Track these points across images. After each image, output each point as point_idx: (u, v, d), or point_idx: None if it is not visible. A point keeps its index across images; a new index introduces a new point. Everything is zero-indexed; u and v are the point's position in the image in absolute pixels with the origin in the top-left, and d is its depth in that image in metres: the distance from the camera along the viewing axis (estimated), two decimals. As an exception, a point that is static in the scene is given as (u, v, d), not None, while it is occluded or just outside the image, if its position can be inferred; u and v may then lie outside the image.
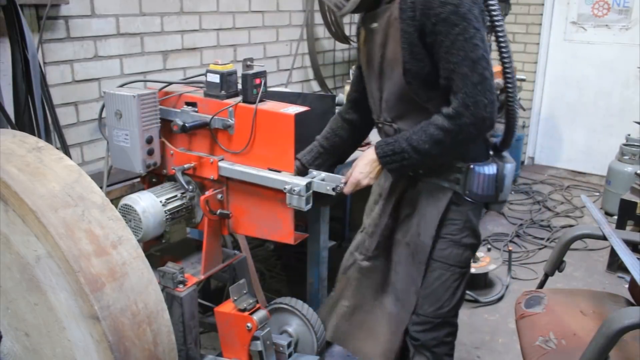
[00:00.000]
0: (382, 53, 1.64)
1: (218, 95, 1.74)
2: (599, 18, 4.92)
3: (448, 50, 1.48)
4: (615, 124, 4.96)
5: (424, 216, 1.73)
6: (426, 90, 1.59)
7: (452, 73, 1.49)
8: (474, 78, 1.47)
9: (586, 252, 3.73)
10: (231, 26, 3.13)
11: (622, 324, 1.38)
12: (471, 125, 1.51)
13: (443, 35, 1.47)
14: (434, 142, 1.55)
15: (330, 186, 1.66)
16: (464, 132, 1.53)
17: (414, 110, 1.64)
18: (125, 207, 1.69)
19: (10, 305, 1.37)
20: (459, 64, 1.48)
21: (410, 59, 1.54)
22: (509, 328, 2.87)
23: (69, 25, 2.34)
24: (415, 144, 1.57)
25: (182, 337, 1.76)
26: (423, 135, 1.56)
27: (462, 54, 1.47)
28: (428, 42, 1.51)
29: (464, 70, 1.47)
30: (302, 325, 2.16)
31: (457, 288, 1.76)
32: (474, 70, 1.47)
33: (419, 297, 1.77)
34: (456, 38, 1.46)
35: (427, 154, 1.58)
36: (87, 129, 2.50)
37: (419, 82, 1.57)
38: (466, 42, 1.47)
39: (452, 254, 1.72)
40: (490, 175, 1.69)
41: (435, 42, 1.50)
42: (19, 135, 1.43)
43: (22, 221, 1.26)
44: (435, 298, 1.75)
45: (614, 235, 1.85)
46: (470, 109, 1.49)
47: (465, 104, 1.49)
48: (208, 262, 1.85)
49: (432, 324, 1.77)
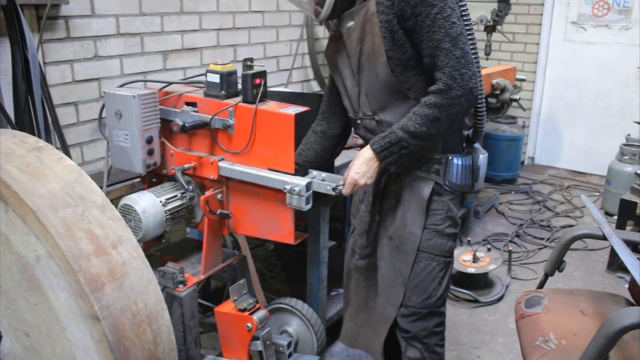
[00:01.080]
0: (360, 48, 1.70)
1: (218, 95, 1.74)
2: (599, 18, 4.92)
3: (430, 29, 1.56)
4: (615, 124, 4.96)
5: (409, 208, 1.77)
6: (408, 77, 1.66)
7: (435, 50, 1.57)
8: (456, 52, 1.56)
9: (586, 252, 3.73)
10: (231, 26, 3.13)
11: (622, 324, 1.38)
12: (461, 97, 1.58)
13: (423, 15, 1.56)
14: (430, 121, 1.60)
15: (330, 186, 1.66)
16: (456, 105, 1.59)
17: (395, 100, 1.70)
18: (125, 207, 1.69)
19: (10, 305, 1.37)
20: (441, 40, 1.56)
21: (392, 46, 1.62)
22: (509, 328, 2.87)
23: (69, 25, 2.34)
24: (412, 129, 1.60)
25: (182, 337, 1.76)
26: (418, 119, 1.60)
27: (443, 31, 1.55)
28: (409, 26, 1.59)
29: (447, 45, 1.56)
30: (302, 325, 2.16)
31: (442, 277, 1.81)
32: (456, 45, 1.56)
33: (407, 289, 1.80)
34: (435, 17, 1.55)
35: (425, 136, 1.62)
36: (87, 129, 2.50)
37: (401, 68, 1.64)
38: (445, 21, 1.55)
39: (437, 244, 1.78)
40: (467, 166, 1.77)
41: (416, 24, 1.58)
42: (19, 135, 1.43)
43: (22, 221, 1.26)
44: (423, 288, 1.80)
45: (614, 235, 1.85)
46: (458, 80, 1.56)
47: (453, 76, 1.56)
48: (208, 262, 1.85)
49: (420, 315, 1.82)
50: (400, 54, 1.63)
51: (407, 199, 1.78)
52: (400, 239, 1.79)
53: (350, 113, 1.85)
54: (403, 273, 1.80)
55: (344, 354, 2.69)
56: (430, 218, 1.76)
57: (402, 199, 1.79)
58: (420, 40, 1.59)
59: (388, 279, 1.86)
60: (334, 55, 1.84)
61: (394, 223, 1.82)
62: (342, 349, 2.72)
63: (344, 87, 1.84)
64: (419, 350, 1.85)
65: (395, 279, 1.83)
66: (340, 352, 2.70)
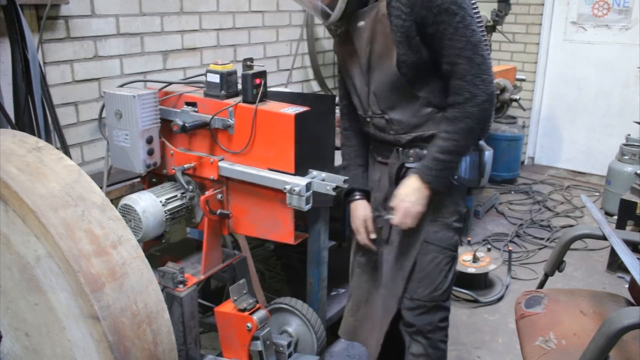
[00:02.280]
0: (370, 48, 1.71)
1: (218, 95, 1.74)
2: (599, 18, 4.92)
3: (452, 37, 1.59)
4: (615, 124, 4.96)
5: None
6: (421, 78, 1.68)
7: (457, 58, 1.61)
8: (477, 59, 1.61)
9: (586, 252, 3.73)
10: (231, 26, 3.13)
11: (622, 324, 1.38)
12: (486, 102, 1.65)
13: (446, 24, 1.58)
14: (466, 133, 1.67)
15: (330, 186, 1.66)
16: (484, 110, 1.66)
17: (404, 99, 1.72)
18: (125, 207, 1.69)
19: (10, 305, 1.37)
20: (462, 48, 1.60)
21: (406, 50, 1.63)
22: (509, 328, 2.87)
23: (69, 25, 2.34)
24: (454, 149, 1.68)
25: (182, 337, 1.76)
26: (455, 136, 1.67)
27: (464, 39, 1.59)
28: (429, 33, 1.61)
29: (468, 53, 1.60)
30: (302, 325, 2.16)
31: (448, 271, 1.83)
32: (476, 52, 1.60)
33: (412, 282, 1.82)
34: (457, 25, 1.58)
35: (466, 149, 1.71)
36: (87, 129, 2.50)
37: (413, 70, 1.66)
38: (466, 29, 1.59)
39: (444, 237, 1.81)
40: (475, 162, 1.81)
41: (437, 31, 1.60)
42: (19, 135, 1.43)
43: (22, 221, 1.26)
44: (430, 281, 1.81)
45: (614, 235, 1.85)
46: (481, 87, 1.62)
47: (475, 83, 1.62)
48: (208, 262, 1.85)
49: (426, 308, 1.84)
50: (415, 58, 1.64)
51: None
52: (408, 232, 1.81)
53: (360, 111, 1.87)
54: (405, 266, 1.83)
55: (344, 354, 2.69)
56: (439, 211, 1.79)
57: None
58: (441, 48, 1.62)
59: (392, 271, 1.88)
60: (343, 55, 1.85)
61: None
62: (342, 349, 2.72)
63: (353, 86, 1.85)
64: (422, 345, 1.86)
65: (398, 272, 1.85)
66: (340, 352, 2.70)
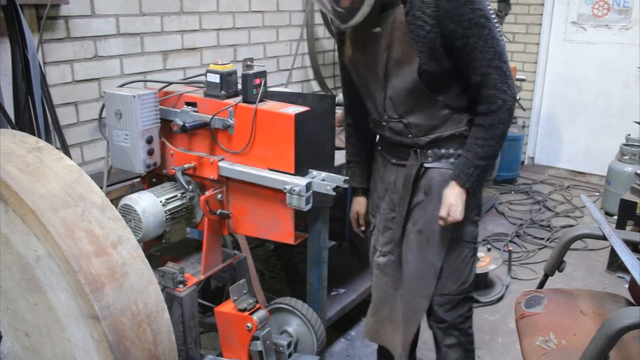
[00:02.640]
0: (388, 55, 1.71)
1: (218, 95, 1.74)
2: (599, 18, 4.92)
3: (482, 50, 1.62)
4: (615, 124, 4.96)
5: (440, 200, 1.80)
6: (440, 85, 1.71)
7: (487, 68, 1.64)
8: (503, 67, 1.66)
9: (586, 252, 3.73)
10: (231, 26, 3.13)
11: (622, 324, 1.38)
12: (513, 104, 1.71)
13: (476, 37, 1.61)
14: (500, 138, 1.72)
15: (330, 186, 1.66)
16: (511, 112, 1.71)
17: (423, 104, 1.74)
18: (125, 207, 1.69)
19: (10, 305, 1.37)
20: (492, 59, 1.64)
21: (428, 60, 1.64)
22: (509, 328, 2.87)
23: (69, 25, 2.34)
24: (490, 154, 1.72)
25: (182, 337, 1.76)
26: (491, 142, 1.71)
27: (492, 50, 1.63)
28: (457, 45, 1.63)
29: (496, 63, 1.64)
30: (302, 325, 2.16)
31: (472, 263, 1.91)
32: (502, 60, 1.65)
33: (442, 278, 1.86)
34: (487, 37, 1.62)
35: (496, 152, 1.74)
36: (87, 129, 2.50)
37: (434, 77, 1.68)
38: (493, 39, 1.63)
39: (467, 231, 1.85)
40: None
41: (467, 44, 1.62)
42: (19, 135, 1.43)
43: (22, 221, 1.26)
44: (459, 275, 1.87)
45: (614, 235, 1.85)
46: (508, 92, 1.68)
47: (504, 90, 1.67)
48: (208, 262, 1.85)
49: (456, 301, 1.89)
50: (437, 67, 1.66)
51: (438, 193, 1.81)
52: (432, 232, 1.83)
53: (374, 115, 1.87)
54: (435, 264, 1.84)
55: (344, 353, 2.69)
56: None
57: (432, 193, 1.82)
58: (471, 60, 1.64)
59: (418, 272, 1.88)
60: (354, 59, 1.84)
61: (424, 217, 1.84)
62: (342, 349, 2.72)
63: (366, 89, 1.85)
64: (455, 336, 1.94)
65: (427, 271, 1.86)
66: (340, 352, 2.70)
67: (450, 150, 1.79)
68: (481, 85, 1.67)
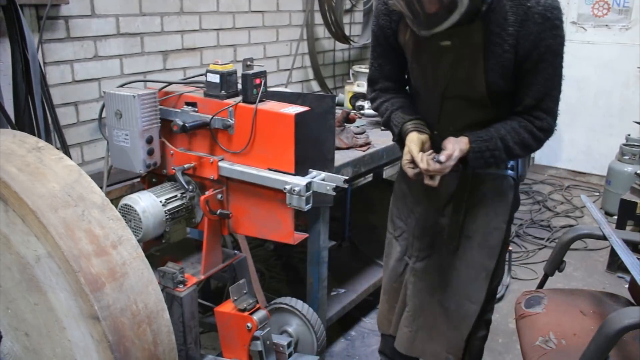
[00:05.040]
0: (453, 72, 1.64)
1: (218, 95, 1.74)
2: (599, 18, 4.92)
3: (549, 78, 1.59)
4: (615, 124, 4.96)
5: (493, 205, 1.81)
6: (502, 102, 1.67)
7: (545, 96, 1.61)
8: (558, 97, 1.65)
9: (586, 252, 3.73)
10: (231, 26, 3.13)
11: (622, 324, 1.38)
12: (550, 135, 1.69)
13: (547, 63, 1.57)
14: (523, 145, 1.66)
15: (330, 186, 1.66)
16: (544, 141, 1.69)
17: (482, 120, 1.69)
18: (125, 207, 1.69)
19: (10, 305, 1.37)
20: (553, 88, 1.62)
21: (498, 79, 1.60)
22: (509, 328, 2.87)
23: (69, 25, 2.34)
24: (508, 144, 1.65)
25: (182, 337, 1.75)
26: (516, 137, 1.65)
27: (557, 80, 1.61)
28: (525, 67, 1.57)
29: (556, 93, 1.63)
30: (302, 325, 2.16)
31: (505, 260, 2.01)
32: (559, 91, 1.64)
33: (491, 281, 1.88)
34: (557, 66, 1.59)
35: (513, 155, 1.69)
36: (87, 129, 2.50)
37: (500, 97, 1.65)
38: (560, 68, 1.61)
39: (508, 233, 1.90)
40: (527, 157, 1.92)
41: (536, 69, 1.57)
42: (19, 135, 1.43)
43: (22, 221, 1.26)
44: (498, 274, 1.92)
45: (614, 235, 1.85)
46: (555, 122, 1.67)
47: (555, 119, 1.66)
48: (208, 262, 1.85)
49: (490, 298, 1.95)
50: (505, 86, 1.62)
51: (490, 198, 1.81)
52: (484, 236, 1.83)
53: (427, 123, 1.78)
54: (488, 267, 1.84)
55: (343, 353, 2.69)
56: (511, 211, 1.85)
57: (484, 198, 1.81)
58: (532, 84, 1.60)
59: (468, 277, 1.87)
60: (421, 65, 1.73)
61: (474, 222, 1.83)
62: (342, 349, 2.72)
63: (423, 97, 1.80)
64: (484, 328, 2.01)
65: (478, 275, 1.85)
66: (340, 352, 2.70)
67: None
68: (533, 108, 1.64)
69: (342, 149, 2.48)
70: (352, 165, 2.41)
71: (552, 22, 1.53)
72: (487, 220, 1.81)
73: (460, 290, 1.89)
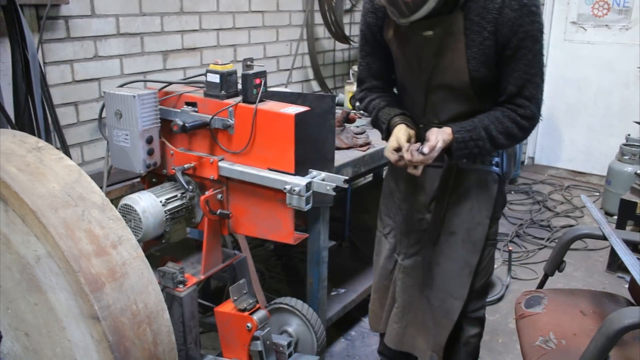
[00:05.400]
0: (436, 62, 1.67)
1: (218, 95, 1.74)
2: (599, 18, 4.92)
3: (529, 63, 1.61)
4: (615, 124, 4.96)
5: (477, 201, 1.82)
6: (486, 93, 1.69)
7: (527, 82, 1.63)
8: (541, 85, 1.65)
9: (586, 252, 3.73)
10: (231, 26, 3.13)
11: (622, 324, 1.38)
12: (537, 123, 1.71)
13: (527, 49, 1.59)
14: (508, 135, 1.67)
15: (330, 186, 1.66)
16: (532, 129, 1.71)
17: (466, 111, 1.72)
18: (125, 207, 1.69)
19: (10, 305, 1.37)
20: (535, 74, 1.63)
21: (480, 67, 1.63)
22: (509, 328, 2.87)
23: (69, 25, 2.34)
24: (492, 133, 1.67)
25: (182, 337, 1.76)
26: (500, 126, 1.66)
27: (537, 66, 1.62)
28: (506, 54, 1.60)
29: (537, 80, 1.64)
30: (302, 325, 2.16)
31: (494, 258, 1.96)
32: (542, 78, 1.65)
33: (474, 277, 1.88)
34: (537, 52, 1.61)
35: (497, 144, 1.70)
36: (87, 129, 2.50)
37: (480, 85, 1.66)
38: (541, 56, 1.63)
39: (495, 231, 1.91)
40: (512, 154, 1.89)
41: (515, 55, 1.60)
42: (19, 135, 1.43)
43: (22, 221, 1.26)
44: (485, 272, 1.92)
45: (614, 235, 1.85)
46: (539, 110, 1.68)
47: (539, 106, 1.67)
48: (208, 262, 1.85)
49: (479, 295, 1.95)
50: (487, 74, 1.64)
51: (473, 193, 1.82)
52: (468, 231, 1.84)
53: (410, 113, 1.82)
54: (471, 263, 1.86)
55: (343, 353, 2.69)
56: (495, 208, 1.85)
57: (468, 194, 1.82)
58: (514, 70, 1.62)
59: (451, 272, 1.88)
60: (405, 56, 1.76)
61: (458, 217, 1.84)
62: (342, 349, 2.72)
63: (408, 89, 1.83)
64: (477, 327, 1.99)
65: (461, 271, 1.87)
66: (340, 352, 2.70)
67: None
68: (516, 96, 1.65)
69: (342, 149, 2.48)
70: (352, 165, 2.41)
71: (529, 9, 1.56)
72: (470, 216, 1.82)
73: (443, 286, 1.90)
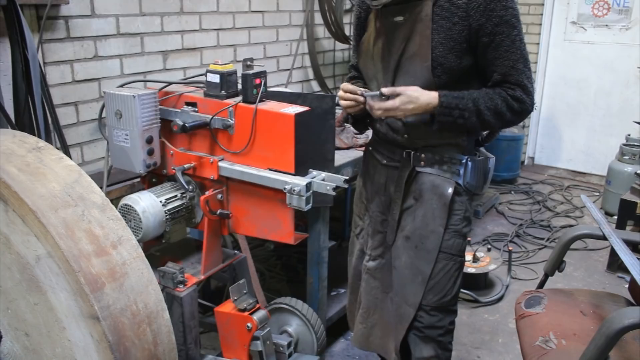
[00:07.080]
0: (404, 47, 1.67)
1: (218, 95, 1.74)
2: (599, 18, 4.92)
3: (508, 49, 1.61)
4: (615, 124, 4.96)
5: (431, 207, 1.76)
6: (451, 84, 1.65)
7: (510, 69, 1.63)
8: (527, 72, 1.65)
9: (586, 252, 3.73)
10: (231, 26, 3.13)
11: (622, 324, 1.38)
12: (528, 113, 1.70)
13: (504, 35, 1.60)
14: (496, 112, 1.65)
15: (330, 186, 1.66)
16: (521, 118, 1.70)
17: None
18: (125, 207, 1.69)
19: (10, 305, 1.37)
20: (517, 60, 1.63)
21: (446, 54, 1.61)
22: (509, 328, 2.87)
23: (69, 25, 2.34)
24: (480, 107, 1.64)
25: (182, 337, 1.76)
26: (489, 101, 1.64)
27: (519, 52, 1.63)
28: (482, 41, 1.61)
29: (521, 66, 1.63)
30: (302, 325, 2.16)
31: (457, 277, 1.82)
32: (526, 65, 1.65)
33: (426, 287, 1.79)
34: (515, 38, 1.61)
35: (484, 121, 1.66)
36: (87, 129, 2.50)
37: (448, 76, 1.64)
38: (521, 42, 1.63)
39: (455, 244, 1.78)
40: (481, 168, 1.79)
41: (493, 42, 1.61)
42: (19, 135, 1.43)
43: (22, 221, 1.26)
44: (440, 288, 1.80)
45: (614, 235, 1.85)
46: (530, 97, 1.67)
47: (527, 92, 1.66)
48: (208, 262, 1.85)
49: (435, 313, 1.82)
50: (455, 63, 1.62)
51: (428, 199, 1.76)
52: (421, 238, 1.77)
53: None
54: (424, 271, 1.78)
55: (344, 353, 2.69)
56: (451, 218, 1.76)
57: (422, 198, 1.77)
58: (495, 58, 1.62)
59: (405, 278, 1.83)
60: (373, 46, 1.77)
61: (412, 222, 1.79)
62: (342, 349, 2.72)
63: (375, 79, 1.80)
64: (433, 348, 1.85)
65: (414, 278, 1.80)
66: (340, 352, 2.70)
67: (444, 157, 1.74)
68: (502, 82, 1.64)
69: (342, 149, 2.48)
70: (352, 165, 2.41)
71: None
72: (424, 222, 1.77)
73: (399, 290, 1.85)
